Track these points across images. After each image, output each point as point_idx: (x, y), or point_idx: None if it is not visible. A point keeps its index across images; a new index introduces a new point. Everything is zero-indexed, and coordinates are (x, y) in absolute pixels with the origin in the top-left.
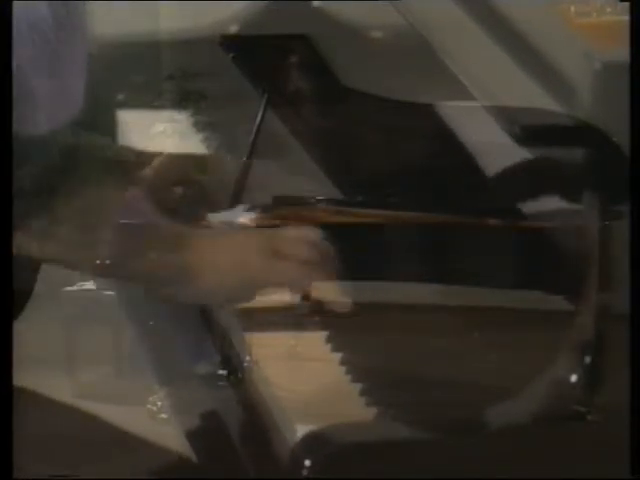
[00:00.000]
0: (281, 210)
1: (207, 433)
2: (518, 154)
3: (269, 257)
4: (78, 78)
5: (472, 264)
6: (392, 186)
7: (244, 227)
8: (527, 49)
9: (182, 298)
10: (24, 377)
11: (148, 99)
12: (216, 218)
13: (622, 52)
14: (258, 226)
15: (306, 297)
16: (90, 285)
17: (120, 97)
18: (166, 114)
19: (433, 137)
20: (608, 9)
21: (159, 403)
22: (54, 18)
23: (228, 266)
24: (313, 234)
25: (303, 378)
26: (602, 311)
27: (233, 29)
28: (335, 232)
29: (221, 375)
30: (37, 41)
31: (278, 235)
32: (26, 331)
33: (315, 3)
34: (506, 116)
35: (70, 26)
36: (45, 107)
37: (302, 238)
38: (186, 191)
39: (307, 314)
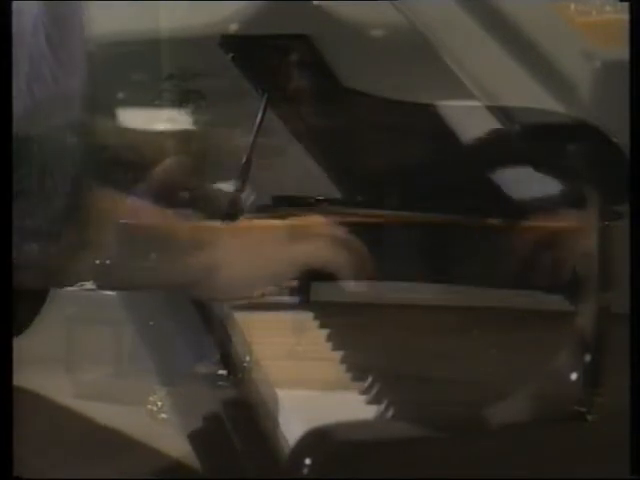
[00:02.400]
0: (281, 210)
1: (207, 433)
2: (518, 153)
3: (289, 242)
4: (76, 79)
5: (472, 264)
6: (392, 186)
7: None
8: (527, 48)
9: (207, 296)
10: (24, 377)
11: (148, 99)
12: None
13: (622, 51)
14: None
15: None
16: (90, 285)
17: (120, 96)
18: (166, 114)
19: (433, 137)
20: (608, 8)
21: (159, 403)
22: (51, 17)
23: (250, 258)
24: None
25: (303, 377)
26: (602, 311)
27: (233, 29)
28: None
29: (221, 375)
30: (35, 42)
31: (299, 223)
32: (26, 331)
33: (315, 3)
34: (506, 115)
35: (68, 26)
36: (43, 107)
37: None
38: (190, 194)
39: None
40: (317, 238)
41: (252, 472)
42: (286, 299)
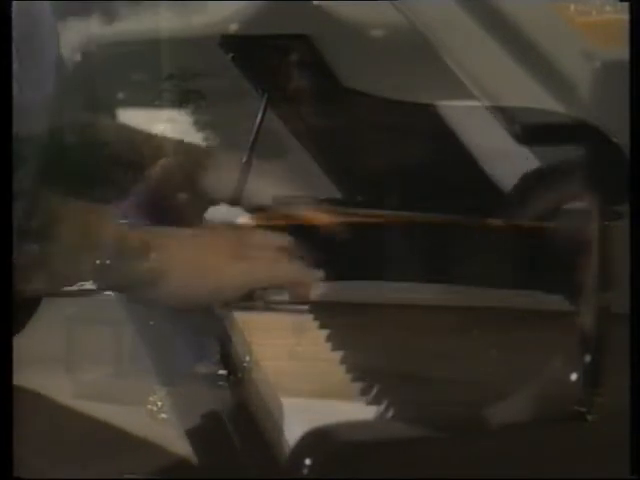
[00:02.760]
0: (281, 210)
1: (207, 433)
2: (518, 154)
3: (235, 257)
4: (44, 91)
5: (472, 264)
6: (392, 186)
7: (244, 228)
8: (527, 48)
9: (151, 301)
10: (24, 377)
11: (148, 99)
12: (216, 219)
13: (622, 51)
14: (258, 226)
15: None
16: (90, 285)
17: (120, 96)
18: (166, 114)
19: (433, 137)
20: (608, 8)
21: (159, 403)
22: (21, 33)
23: (194, 268)
24: (282, 238)
25: (303, 378)
26: (602, 311)
27: (233, 29)
28: (335, 232)
29: (221, 375)
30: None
31: (245, 236)
32: (26, 331)
33: (315, 3)
34: (506, 116)
35: (38, 42)
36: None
37: (269, 239)
38: (189, 196)
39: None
40: (260, 259)
41: (252, 472)
42: (286, 299)
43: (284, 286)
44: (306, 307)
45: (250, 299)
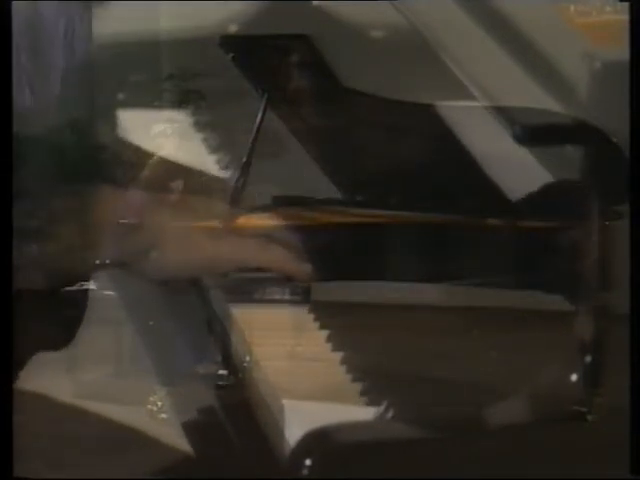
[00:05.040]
0: (281, 210)
1: (207, 433)
2: (518, 154)
3: (221, 237)
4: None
5: (472, 264)
6: (392, 186)
7: (244, 228)
8: (527, 48)
9: (150, 274)
10: (24, 377)
11: (148, 99)
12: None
13: (622, 51)
14: (257, 226)
15: None
16: (90, 285)
17: (120, 97)
18: (166, 114)
19: (433, 137)
20: (608, 8)
21: (159, 403)
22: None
23: (186, 239)
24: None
25: (303, 378)
26: (602, 311)
27: (233, 29)
28: (335, 232)
29: (221, 375)
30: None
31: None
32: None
33: (315, 3)
34: (506, 116)
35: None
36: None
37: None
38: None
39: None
40: (246, 237)
41: (252, 472)
42: (286, 299)
43: (272, 269)
44: (306, 307)
45: (249, 294)
